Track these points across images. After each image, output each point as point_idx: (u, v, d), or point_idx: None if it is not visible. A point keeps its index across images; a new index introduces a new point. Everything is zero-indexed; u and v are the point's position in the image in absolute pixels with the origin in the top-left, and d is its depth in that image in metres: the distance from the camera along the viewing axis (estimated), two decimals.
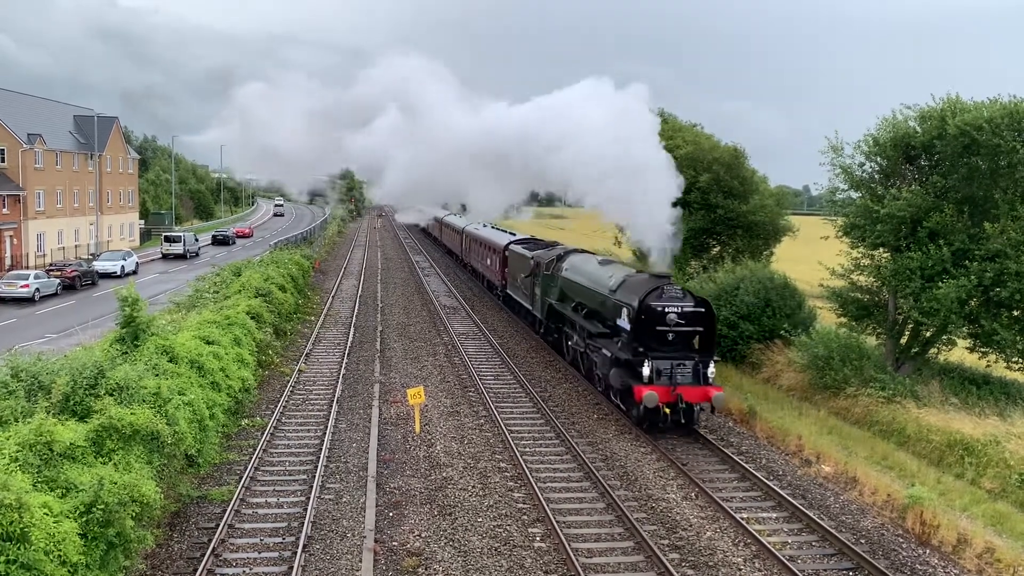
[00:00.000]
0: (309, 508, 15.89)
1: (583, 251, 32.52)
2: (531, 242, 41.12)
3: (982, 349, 26.44)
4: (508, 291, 40.74)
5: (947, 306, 24.34)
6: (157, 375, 16.98)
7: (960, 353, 28.42)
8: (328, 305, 42.16)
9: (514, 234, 45.95)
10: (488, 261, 47.00)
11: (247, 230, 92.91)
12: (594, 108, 26.30)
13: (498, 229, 50.81)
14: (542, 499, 16.69)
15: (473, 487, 17.65)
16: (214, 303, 30.45)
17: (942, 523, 15.90)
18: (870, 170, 28.41)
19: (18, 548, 9.94)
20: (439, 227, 79.01)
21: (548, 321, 31.69)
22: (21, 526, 10.07)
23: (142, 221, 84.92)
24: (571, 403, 24.73)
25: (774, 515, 16.75)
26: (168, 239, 67.17)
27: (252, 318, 27.58)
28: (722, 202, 42.74)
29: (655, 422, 21.22)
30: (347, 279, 54.93)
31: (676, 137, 47.62)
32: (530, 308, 34.83)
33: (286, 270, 41.42)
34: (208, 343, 21.72)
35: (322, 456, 18.96)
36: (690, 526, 16.04)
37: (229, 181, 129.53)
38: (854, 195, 28.59)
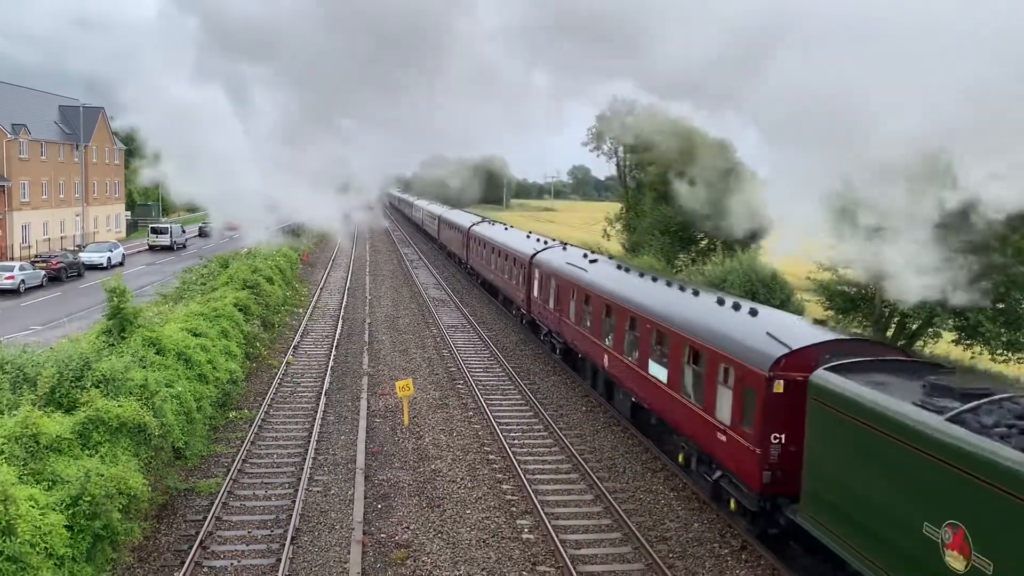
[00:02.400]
0: (297, 500, 15.87)
1: None
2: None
3: (967, 341, 26.67)
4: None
5: (933, 299, 24.54)
6: (144, 367, 16.91)
7: (946, 345, 28.65)
8: (316, 297, 42.04)
9: (737, 304, 17.04)
10: (685, 386, 16.99)
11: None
12: None
13: (628, 268, 24.40)
14: (530, 491, 16.73)
15: (462, 479, 17.67)
16: (201, 295, 30.33)
17: None
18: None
19: (4, 541, 9.90)
20: (468, 242, 48.67)
21: None
22: (7, 519, 10.03)
23: (128, 212, 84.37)
24: (560, 395, 24.76)
25: None
26: (155, 231, 66.88)
27: (240, 310, 27.49)
28: (709, 195, 42.85)
29: None
30: (335, 271, 54.78)
31: (664, 130, 47.74)
32: None
33: (274, 262, 41.27)
34: (195, 335, 21.64)
35: (310, 448, 18.93)
36: (677, 517, 16.11)
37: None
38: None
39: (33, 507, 10.64)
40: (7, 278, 41.52)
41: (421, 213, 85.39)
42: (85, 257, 51.75)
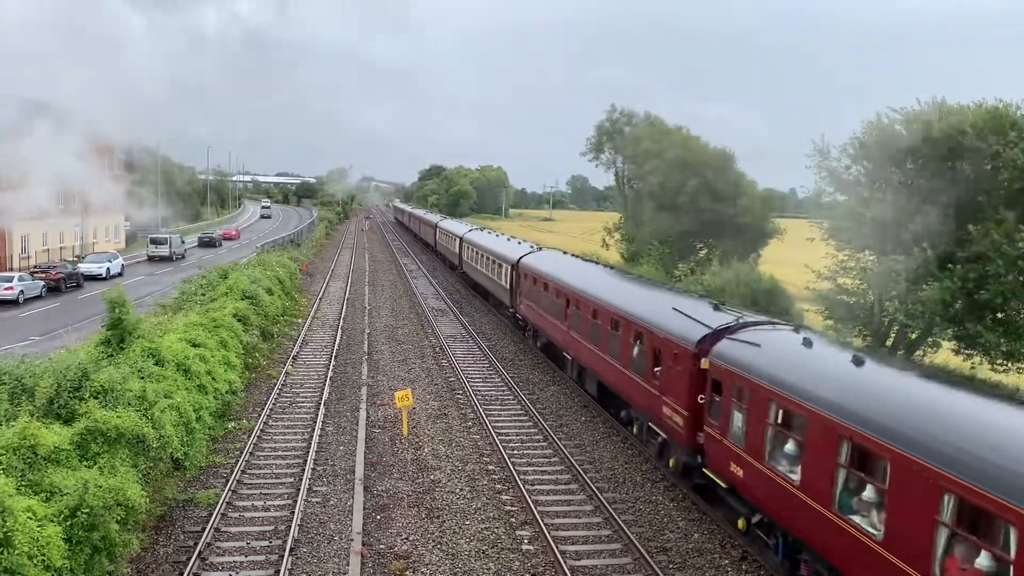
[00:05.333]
0: (296, 511, 15.82)
1: None
2: None
3: (967, 351, 26.64)
4: None
5: (932, 308, 24.51)
6: (143, 378, 16.87)
7: (945, 355, 28.61)
8: (316, 307, 42.01)
9: None
10: None
11: (233, 232, 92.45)
12: None
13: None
14: (530, 501, 16.68)
15: (461, 490, 17.62)
16: (200, 305, 30.30)
17: None
18: (856, 173, 28.61)
19: (1, 552, 9.86)
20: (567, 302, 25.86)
21: None
22: (5, 530, 9.98)
23: (128, 223, 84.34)
24: (559, 405, 24.72)
25: None
26: (154, 241, 66.77)
27: (239, 320, 27.46)
28: (710, 205, 43.01)
29: None
30: (335, 281, 54.77)
31: (664, 140, 47.91)
32: None
33: (273, 272, 41.26)
34: (194, 345, 21.61)
35: (309, 459, 18.88)
36: (677, 528, 16.07)
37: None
38: (840, 198, 28.83)
39: (31, 518, 10.59)
40: (6, 289, 41.40)
41: (463, 248, 51.49)
42: (84, 268, 51.63)
